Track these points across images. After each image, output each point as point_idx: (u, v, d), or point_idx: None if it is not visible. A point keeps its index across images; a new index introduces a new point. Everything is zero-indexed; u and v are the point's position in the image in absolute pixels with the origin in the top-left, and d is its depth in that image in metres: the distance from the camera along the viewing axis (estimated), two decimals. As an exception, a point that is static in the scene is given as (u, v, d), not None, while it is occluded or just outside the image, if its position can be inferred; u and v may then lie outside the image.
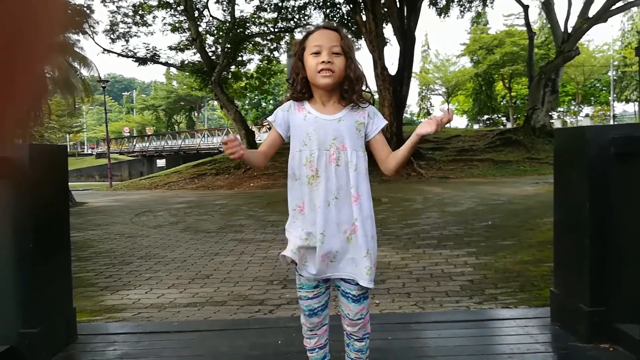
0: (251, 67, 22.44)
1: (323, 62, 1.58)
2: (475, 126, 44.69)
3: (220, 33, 19.67)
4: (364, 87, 1.67)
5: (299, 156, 1.66)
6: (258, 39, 20.38)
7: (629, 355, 2.06)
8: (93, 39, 18.79)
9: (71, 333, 2.48)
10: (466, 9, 19.72)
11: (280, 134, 1.70)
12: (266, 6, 19.20)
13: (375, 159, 1.72)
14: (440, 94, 48.87)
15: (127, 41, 19.18)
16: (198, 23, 18.77)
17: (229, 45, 18.75)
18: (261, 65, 21.78)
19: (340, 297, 1.70)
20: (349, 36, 1.68)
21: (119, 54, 19.48)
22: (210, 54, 19.59)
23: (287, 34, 20.14)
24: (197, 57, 20.03)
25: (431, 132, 1.56)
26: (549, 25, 22.31)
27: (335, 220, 1.60)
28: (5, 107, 0.36)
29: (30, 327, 2.16)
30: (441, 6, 19.23)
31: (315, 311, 1.70)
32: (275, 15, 19.30)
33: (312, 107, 1.68)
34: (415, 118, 53.58)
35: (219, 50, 19.40)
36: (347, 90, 1.64)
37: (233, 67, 20.69)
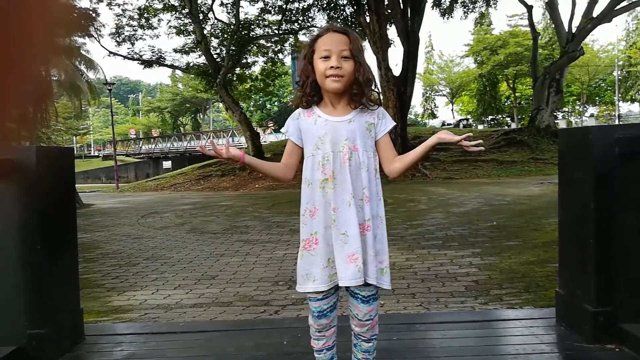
0: (256, 69, 22.53)
1: (332, 67, 1.59)
2: (480, 127, 44.58)
3: (225, 35, 19.73)
4: (373, 88, 1.68)
5: (311, 160, 1.67)
6: (262, 41, 20.43)
7: (635, 355, 2.06)
8: (99, 41, 18.85)
9: (78, 334, 2.50)
10: (470, 10, 19.67)
11: (295, 144, 1.72)
12: (270, 8, 19.26)
13: (379, 160, 1.74)
14: (444, 95, 48.83)
15: (132, 44, 19.29)
16: (203, 26, 18.84)
17: (233, 48, 18.82)
18: (266, 67, 21.84)
19: (350, 297, 1.70)
20: (359, 38, 1.68)
21: (124, 57, 19.55)
22: (215, 56, 19.66)
23: (291, 36, 20.19)
24: (202, 60, 20.11)
25: (451, 141, 1.60)
26: (553, 26, 22.21)
27: (356, 220, 1.60)
28: (8, 108, 0.37)
29: (38, 328, 2.18)
30: (445, 7, 19.20)
31: (325, 312, 1.70)
32: (279, 17, 19.35)
33: (321, 111, 1.69)
34: (419, 119, 53.51)
35: (224, 52, 19.46)
36: (356, 93, 1.64)
37: (238, 69, 20.76)
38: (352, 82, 1.63)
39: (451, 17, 19.59)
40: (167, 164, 33.49)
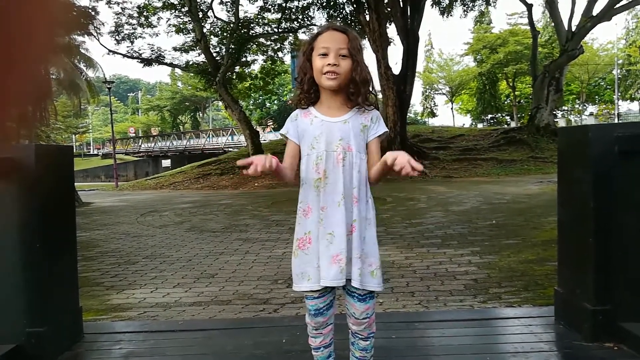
0: (255, 68, 22.51)
1: (329, 64, 1.60)
2: (479, 125, 44.56)
3: (225, 34, 19.70)
4: (370, 89, 1.68)
5: (307, 160, 1.67)
6: (262, 40, 20.40)
7: (634, 354, 2.06)
8: (98, 40, 18.80)
9: (77, 332, 2.50)
10: (469, 8, 19.65)
11: (295, 142, 1.71)
12: (270, 7, 19.23)
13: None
14: (444, 94, 48.79)
15: (132, 42, 19.25)
16: (202, 24, 18.80)
17: (233, 46, 18.78)
18: (265, 66, 21.82)
19: (346, 295, 1.70)
20: (358, 38, 1.69)
21: (124, 55, 19.52)
22: (214, 54, 19.62)
23: (290, 34, 20.17)
24: (201, 58, 20.09)
25: (396, 163, 1.49)
26: (552, 24, 22.20)
27: (345, 220, 1.60)
28: (8, 107, 0.37)
29: (37, 326, 2.18)
30: (444, 5, 19.18)
31: (321, 310, 1.70)
32: (279, 15, 19.32)
33: (317, 111, 1.69)
34: (419, 117, 53.50)
35: (224, 50, 19.43)
36: (353, 92, 1.65)
37: (237, 67, 20.73)
38: (348, 81, 1.63)
39: (451, 15, 19.59)
40: (166, 163, 33.49)
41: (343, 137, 1.64)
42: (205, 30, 19.05)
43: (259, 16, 19.51)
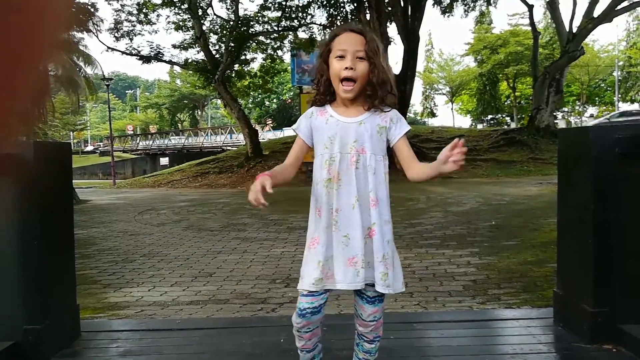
0: (255, 66, 22.49)
1: (346, 68, 1.57)
2: (479, 126, 44.59)
3: (224, 32, 19.68)
4: (389, 90, 1.64)
5: (320, 160, 1.65)
6: (262, 38, 20.38)
7: (632, 356, 2.06)
8: (97, 37, 18.77)
9: (75, 329, 2.49)
10: (470, 8, 19.67)
11: (304, 141, 1.69)
12: (270, 5, 19.20)
13: (400, 164, 1.70)
14: (444, 94, 48.79)
15: (131, 39, 19.21)
16: (202, 21, 18.79)
17: (232, 44, 18.77)
18: (265, 64, 21.80)
19: (356, 296, 1.69)
20: (375, 39, 1.66)
21: (123, 52, 19.49)
22: (213, 52, 19.60)
23: (290, 32, 20.15)
24: (200, 56, 20.07)
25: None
26: (553, 25, 22.23)
27: (360, 223, 1.58)
28: (8, 103, 0.36)
29: (34, 324, 2.17)
30: (445, 5, 19.18)
31: (304, 312, 1.64)
32: (278, 14, 19.30)
33: (334, 111, 1.67)
34: (419, 117, 53.52)
35: (223, 48, 19.41)
36: (370, 95, 1.62)
37: (237, 65, 20.70)
38: (366, 84, 1.61)
39: (451, 15, 19.59)
40: (164, 161, 33.45)
41: (357, 139, 1.62)
42: (204, 27, 19.04)
43: (258, 14, 19.48)
